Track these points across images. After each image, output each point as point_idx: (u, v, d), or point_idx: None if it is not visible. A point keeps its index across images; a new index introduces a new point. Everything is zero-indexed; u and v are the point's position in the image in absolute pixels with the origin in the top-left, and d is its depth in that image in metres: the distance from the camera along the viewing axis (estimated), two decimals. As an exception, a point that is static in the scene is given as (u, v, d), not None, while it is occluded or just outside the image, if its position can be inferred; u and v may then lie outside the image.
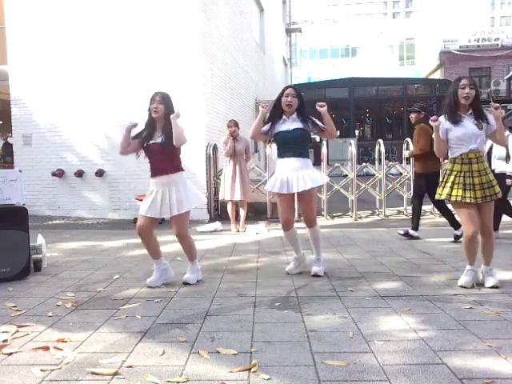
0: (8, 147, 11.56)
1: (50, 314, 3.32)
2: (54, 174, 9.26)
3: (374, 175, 9.53)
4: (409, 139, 9.37)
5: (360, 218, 8.77)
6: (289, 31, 25.23)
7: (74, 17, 9.12)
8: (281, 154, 4.31)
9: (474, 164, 3.74)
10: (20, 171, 4.77)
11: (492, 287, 3.80)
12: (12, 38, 9.34)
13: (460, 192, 3.74)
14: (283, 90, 4.30)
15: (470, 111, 3.76)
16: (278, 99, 4.29)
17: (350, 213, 9.00)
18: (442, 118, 3.82)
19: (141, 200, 9.32)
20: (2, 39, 9.39)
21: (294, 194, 4.32)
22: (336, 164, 9.51)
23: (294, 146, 4.22)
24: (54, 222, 8.84)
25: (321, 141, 10.00)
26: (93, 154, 9.25)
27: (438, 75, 33.23)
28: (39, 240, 4.84)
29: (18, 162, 9.43)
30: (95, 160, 9.22)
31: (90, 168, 9.22)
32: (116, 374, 2.34)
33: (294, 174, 4.18)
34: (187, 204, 4.06)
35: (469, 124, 3.72)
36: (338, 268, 4.69)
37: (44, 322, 3.14)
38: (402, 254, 5.29)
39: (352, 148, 9.16)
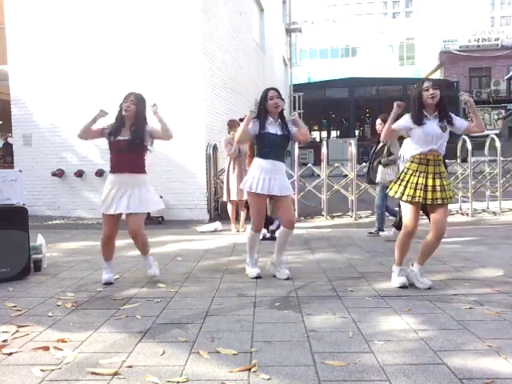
0: (8, 147, 11.56)
1: (50, 314, 3.32)
2: (54, 174, 9.26)
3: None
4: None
5: (360, 217, 8.76)
6: (289, 31, 25.20)
7: (74, 17, 9.12)
8: (264, 155, 4.27)
9: (430, 166, 3.79)
10: (20, 171, 4.77)
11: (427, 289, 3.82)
12: (12, 38, 9.34)
13: (411, 191, 3.81)
14: (266, 94, 4.27)
15: (436, 113, 3.82)
16: (263, 104, 4.27)
17: (350, 213, 9.00)
18: (407, 116, 3.90)
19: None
20: (2, 39, 9.40)
21: (267, 196, 4.35)
22: (336, 164, 9.51)
23: (278, 150, 4.30)
24: (54, 221, 8.84)
25: (321, 141, 10.01)
26: (93, 154, 9.24)
27: (437, 75, 33.24)
28: (39, 240, 4.84)
29: (18, 162, 9.42)
30: (95, 160, 9.22)
31: (90, 168, 9.22)
32: (116, 373, 2.34)
33: (275, 177, 4.22)
34: (145, 206, 4.15)
35: (432, 125, 3.78)
36: (338, 268, 4.69)
37: (44, 322, 3.14)
38: (402, 254, 5.27)
39: (352, 148, 9.16)
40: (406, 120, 3.90)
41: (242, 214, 7.55)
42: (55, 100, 9.29)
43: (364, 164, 9.87)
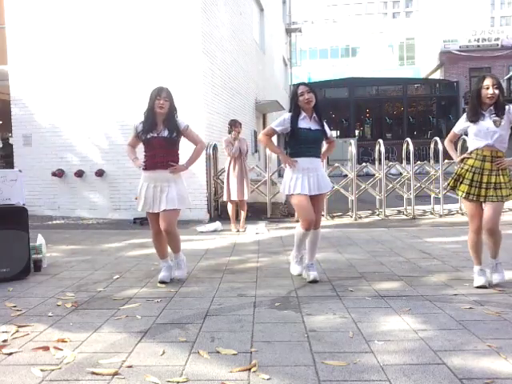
0: (8, 147, 11.55)
1: (50, 313, 3.32)
2: (54, 174, 9.26)
3: (373, 175, 9.54)
4: (409, 139, 9.39)
5: (360, 217, 8.77)
6: (289, 31, 25.21)
7: (74, 17, 9.13)
8: (299, 153, 4.09)
9: (487, 162, 3.74)
10: (20, 171, 4.76)
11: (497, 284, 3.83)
12: (12, 38, 9.34)
13: (467, 188, 3.79)
14: (296, 90, 4.12)
15: (491, 107, 3.75)
16: (295, 99, 4.11)
17: (350, 213, 9.00)
18: (464, 117, 3.91)
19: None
20: (2, 39, 9.40)
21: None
22: (336, 164, 9.51)
23: (314, 145, 4.14)
24: (54, 222, 8.84)
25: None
26: (93, 154, 9.25)
27: (437, 75, 33.24)
28: (39, 240, 4.84)
29: (18, 162, 9.43)
30: (95, 160, 9.22)
31: (89, 168, 9.22)
32: (116, 373, 2.34)
33: (315, 174, 4.07)
34: (177, 202, 4.12)
35: (486, 121, 3.74)
36: (338, 268, 4.69)
37: (44, 322, 3.14)
38: (402, 254, 5.29)
39: (352, 148, 9.16)
40: (463, 121, 3.91)
41: (242, 214, 7.56)
42: (55, 100, 9.29)
43: (364, 164, 9.89)
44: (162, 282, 4.16)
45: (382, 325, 3.00)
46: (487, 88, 3.71)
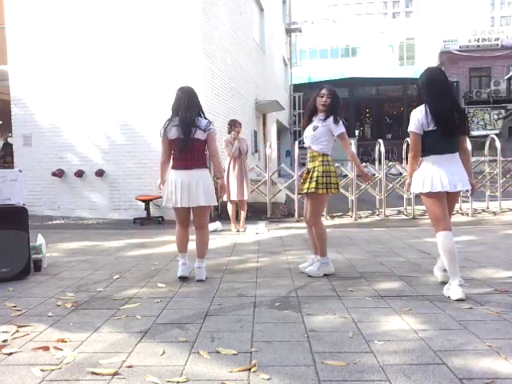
0: (8, 147, 11.56)
1: (50, 313, 3.32)
2: (54, 174, 9.26)
3: (373, 175, 9.54)
4: (409, 139, 9.37)
5: (360, 217, 8.77)
6: (289, 31, 25.20)
7: (74, 17, 9.13)
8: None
9: (308, 162, 4.42)
10: (20, 171, 4.76)
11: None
12: (12, 38, 9.35)
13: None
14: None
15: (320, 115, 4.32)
16: None
17: (350, 213, 9.00)
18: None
19: (141, 200, 9.20)
20: (2, 39, 9.41)
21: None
22: (336, 164, 9.49)
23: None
24: (54, 222, 8.84)
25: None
26: (93, 154, 9.25)
27: (437, 75, 33.20)
28: (39, 240, 4.84)
29: (18, 162, 9.43)
30: (95, 160, 9.23)
31: (89, 168, 9.23)
32: (116, 373, 2.34)
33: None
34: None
35: (311, 126, 4.36)
36: (338, 268, 4.68)
37: (44, 322, 3.14)
38: (402, 254, 5.28)
39: (352, 148, 9.15)
40: None
41: (242, 214, 7.55)
42: (55, 100, 9.29)
43: (364, 164, 9.89)
44: (182, 278, 4.23)
45: (382, 325, 3.00)
46: (322, 96, 4.25)
